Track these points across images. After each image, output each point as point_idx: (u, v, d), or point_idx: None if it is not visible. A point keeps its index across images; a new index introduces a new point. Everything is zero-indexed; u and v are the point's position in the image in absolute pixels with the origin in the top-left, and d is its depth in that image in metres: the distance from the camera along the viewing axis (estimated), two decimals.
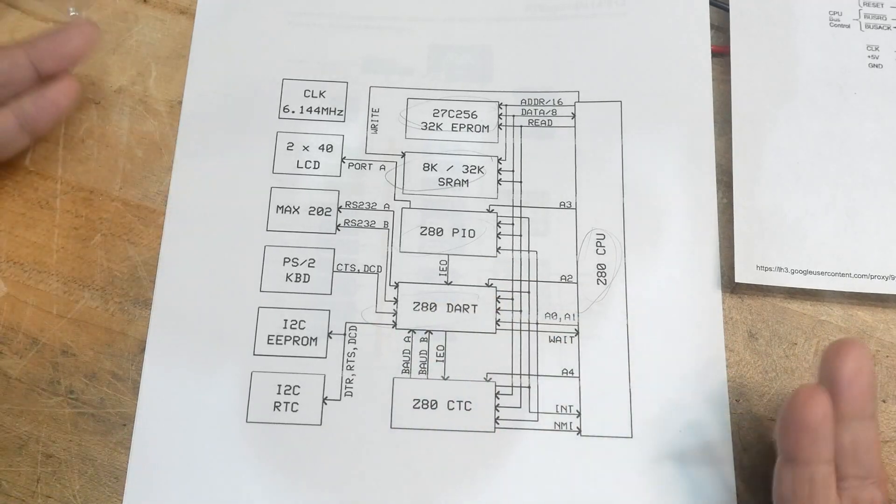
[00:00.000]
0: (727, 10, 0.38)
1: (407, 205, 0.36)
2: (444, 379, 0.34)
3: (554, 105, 0.37)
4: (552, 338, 0.34)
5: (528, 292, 0.35)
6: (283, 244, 0.35)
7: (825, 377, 0.28)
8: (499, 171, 0.37)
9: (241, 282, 0.35)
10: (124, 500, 0.32)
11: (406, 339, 0.34)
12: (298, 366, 0.34)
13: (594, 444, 0.33)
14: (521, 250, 0.35)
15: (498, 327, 0.34)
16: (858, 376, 0.28)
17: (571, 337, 0.34)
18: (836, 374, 0.28)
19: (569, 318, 0.34)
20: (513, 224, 0.36)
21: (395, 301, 0.35)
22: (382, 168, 0.37)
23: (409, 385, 0.34)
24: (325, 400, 0.33)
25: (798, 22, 0.38)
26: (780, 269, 0.34)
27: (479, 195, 0.36)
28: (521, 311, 0.35)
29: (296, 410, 0.33)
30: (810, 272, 0.34)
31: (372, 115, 0.37)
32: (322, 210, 0.36)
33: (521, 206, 0.36)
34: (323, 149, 0.37)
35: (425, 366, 0.34)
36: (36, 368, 0.34)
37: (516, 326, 0.34)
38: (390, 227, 0.36)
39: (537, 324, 0.34)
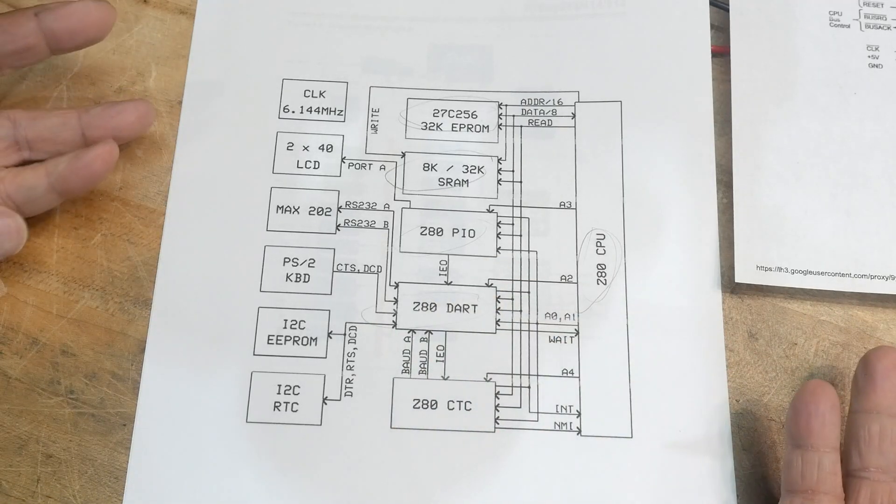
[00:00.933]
0: (727, 10, 0.38)
1: (407, 205, 0.36)
2: (444, 379, 0.34)
3: (554, 105, 0.37)
4: (552, 338, 0.34)
5: (528, 292, 0.35)
6: (283, 244, 0.35)
7: (861, 371, 0.31)
8: (499, 171, 0.37)
9: (241, 282, 0.35)
10: (124, 500, 0.32)
11: (406, 339, 0.34)
12: (298, 366, 0.34)
13: (594, 444, 0.33)
14: (521, 250, 0.35)
15: (498, 327, 0.34)
16: (893, 373, 0.30)
17: (571, 337, 0.34)
18: (873, 368, 0.30)
19: (569, 318, 0.34)
20: (513, 224, 0.36)
21: (395, 301, 0.35)
22: (382, 168, 0.37)
23: (409, 385, 0.34)
24: (325, 400, 0.33)
25: (798, 22, 0.38)
26: (780, 269, 0.34)
27: (479, 195, 0.36)
28: (521, 311, 0.35)
29: (296, 410, 0.33)
30: (810, 272, 0.34)
31: (372, 115, 0.37)
32: (322, 210, 0.36)
33: (521, 206, 0.36)
34: (323, 149, 0.37)
35: (425, 366, 0.34)
36: (36, 368, 0.34)
37: (516, 326, 0.34)
38: (390, 227, 0.36)
39: (537, 324, 0.34)
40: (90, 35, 0.33)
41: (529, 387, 0.34)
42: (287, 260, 0.35)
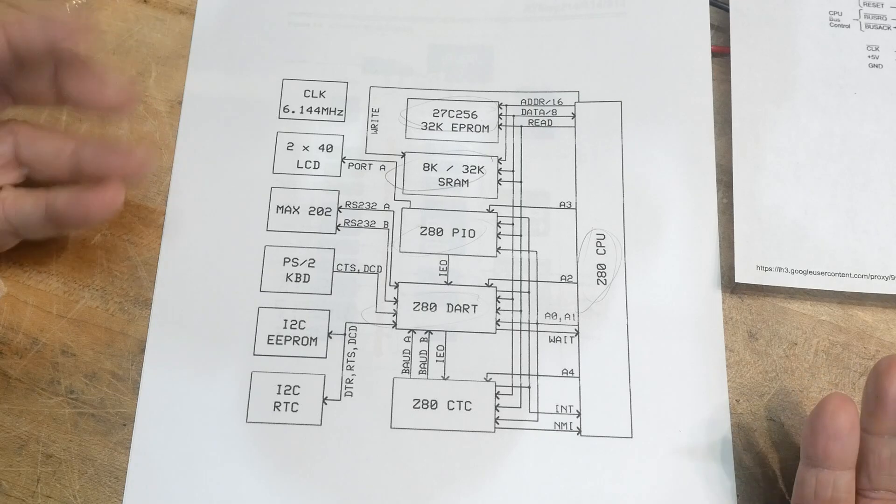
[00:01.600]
0: (727, 10, 0.38)
1: (407, 205, 0.36)
2: (444, 379, 0.34)
3: (554, 105, 0.37)
4: (552, 338, 0.34)
5: (529, 292, 0.35)
6: (283, 244, 0.35)
7: (871, 391, 0.29)
8: (499, 171, 0.37)
9: (241, 282, 0.35)
10: (124, 500, 0.32)
11: (406, 339, 0.34)
12: (298, 366, 0.34)
13: (594, 444, 0.33)
14: (521, 250, 0.35)
15: (498, 327, 0.34)
16: None
17: (571, 337, 0.34)
18: (883, 390, 0.28)
19: (569, 318, 0.34)
20: (513, 224, 0.36)
21: (396, 301, 0.35)
22: (382, 168, 0.37)
23: (409, 385, 0.34)
24: (325, 400, 0.33)
25: (798, 22, 0.38)
26: (780, 269, 0.34)
27: (479, 195, 0.36)
28: (521, 311, 0.35)
29: (296, 410, 0.33)
30: (810, 272, 0.34)
31: (372, 115, 0.37)
32: (322, 210, 0.36)
33: (521, 206, 0.36)
34: (323, 149, 0.37)
35: (425, 366, 0.34)
36: (36, 368, 0.34)
37: (516, 326, 0.34)
38: (390, 227, 0.36)
39: (537, 324, 0.34)
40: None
41: (529, 387, 0.34)
42: (287, 260, 0.35)
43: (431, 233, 0.36)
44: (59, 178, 0.32)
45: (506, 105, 0.38)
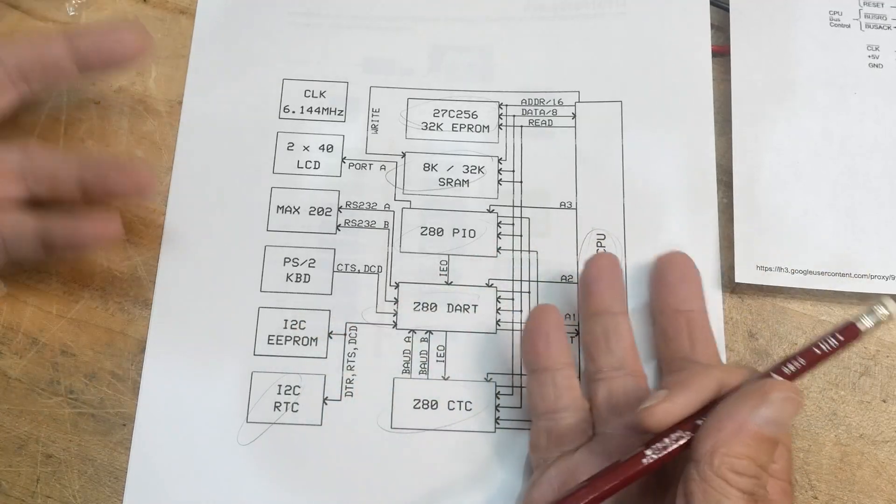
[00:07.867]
0: (727, 10, 0.38)
1: (407, 205, 0.36)
2: (444, 379, 0.34)
3: (554, 105, 0.37)
4: None
5: (529, 292, 0.35)
6: (284, 244, 0.35)
7: (580, 282, 0.33)
8: (499, 171, 0.37)
9: (241, 282, 0.35)
10: (124, 500, 0.32)
11: (406, 340, 0.34)
12: (299, 366, 0.34)
13: None
14: (521, 250, 0.35)
15: (498, 327, 0.34)
16: (601, 275, 0.32)
17: (571, 337, 0.34)
18: (585, 276, 0.33)
19: (569, 318, 0.34)
20: (513, 224, 0.36)
21: (396, 301, 0.35)
22: (383, 168, 0.37)
23: (409, 385, 0.34)
24: (325, 400, 0.33)
25: (798, 22, 0.38)
26: (780, 269, 0.34)
27: (479, 195, 0.36)
28: (521, 311, 0.35)
29: (296, 410, 0.33)
30: (810, 272, 0.34)
31: (372, 116, 0.37)
32: (322, 210, 0.36)
33: (521, 206, 0.36)
34: (323, 149, 0.37)
35: (426, 366, 0.34)
36: (36, 368, 0.34)
37: (517, 327, 0.34)
38: (391, 227, 0.36)
39: None
40: (118, 55, 0.32)
41: None
42: (287, 260, 0.35)
43: (432, 233, 0.36)
44: (65, 198, 0.32)
45: (506, 105, 0.38)
